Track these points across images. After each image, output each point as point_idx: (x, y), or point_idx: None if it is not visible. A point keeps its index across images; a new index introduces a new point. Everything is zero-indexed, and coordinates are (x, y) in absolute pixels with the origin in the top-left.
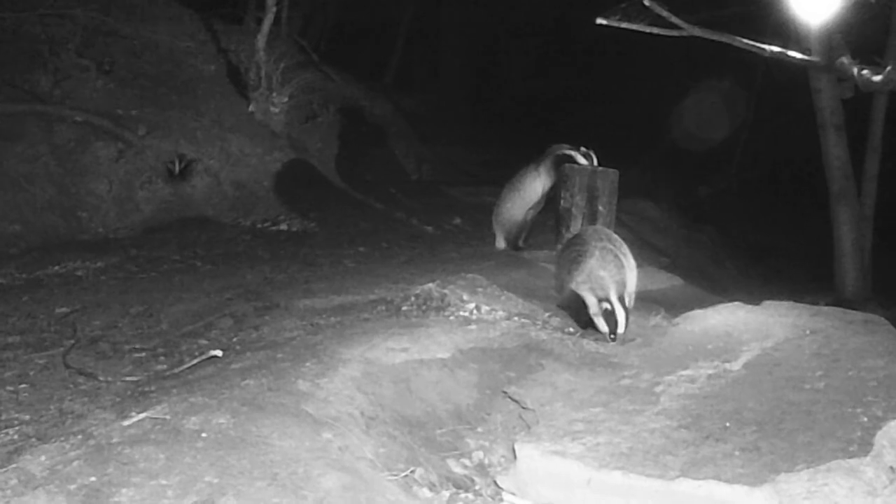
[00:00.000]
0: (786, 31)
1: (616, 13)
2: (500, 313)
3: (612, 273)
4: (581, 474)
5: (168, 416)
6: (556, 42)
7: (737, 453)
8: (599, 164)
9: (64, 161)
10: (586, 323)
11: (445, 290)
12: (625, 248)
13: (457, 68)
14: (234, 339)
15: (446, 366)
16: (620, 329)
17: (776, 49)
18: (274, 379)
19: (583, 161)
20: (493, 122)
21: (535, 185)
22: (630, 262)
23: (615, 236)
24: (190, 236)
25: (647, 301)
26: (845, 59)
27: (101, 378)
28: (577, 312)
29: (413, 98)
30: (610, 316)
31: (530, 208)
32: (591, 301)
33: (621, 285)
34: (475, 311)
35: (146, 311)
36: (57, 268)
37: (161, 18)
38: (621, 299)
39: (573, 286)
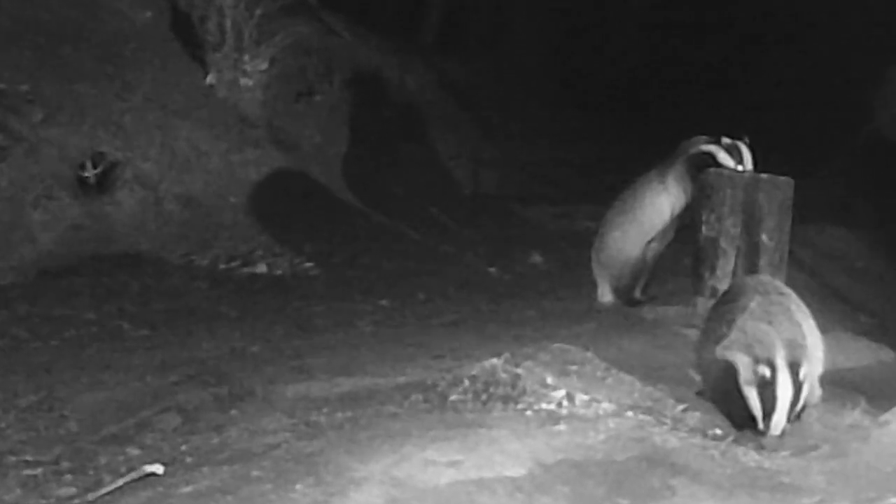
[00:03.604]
0: None
1: None
2: (606, 406)
3: (782, 328)
4: None
5: None
6: None
7: None
8: (759, 168)
9: None
10: (742, 421)
11: (518, 370)
12: (805, 312)
13: (535, 20)
14: (184, 448)
15: (520, 489)
16: (780, 410)
17: None
18: None
19: (732, 162)
20: (592, 104)
21: (659, 204)
22: (814, 331)
23: (791, 294)
24: (113, 283)
25: (838, 386)
26: None
27: None
28: (728, 402)
29: (467, 65)
30: (768, 389)
31: (652, 240)
32: (744, 362)
33: (796, 348)
34: (565, 403)
35: (43, 401)
36: None
37: None
38: (793, 367)
39: (718, 352)
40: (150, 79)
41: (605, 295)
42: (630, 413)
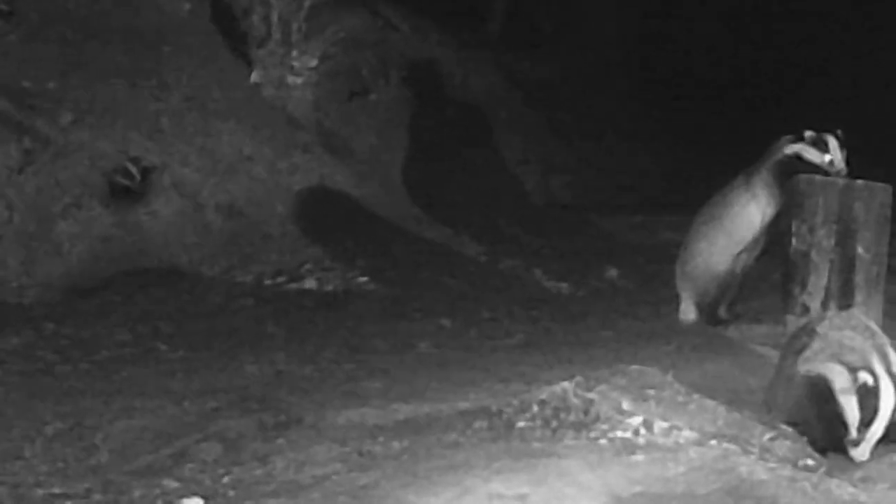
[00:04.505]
0: None
1: None
2: (687, 433)
3: (867, 335)
4: None
5: None
6: None
7: None
8: (854, 170)
9: None
10: (829, 438)
11: (591, 395)
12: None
13: (611, 11)
14: (225, 480)
15: None
16: (881, 419)
17: None
18: None
19: (824, 159)
20: (675, 103)
21: (748, 213)
22: None
23: (877, 332)
24: (148, 301)
25: None
26: None
27: None
28: (815, 419)
29: (537, 61)
30: (869, 397)
31: (741, 252)
32: (836, 371)
33: (882, 354)
34: (643, 430)
35: (73, 429)
36: None
37: None
38: (892, 374)
39: (801, 365)
40: (188, 77)
41: (689, 312)
42: (713, 441)
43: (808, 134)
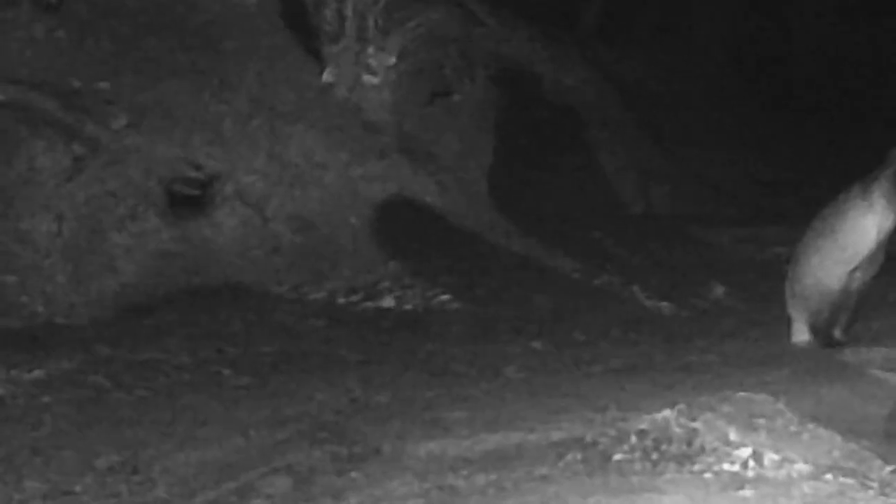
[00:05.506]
0: None
1: None
2: (800, 466)
3: None
4: None
5: None
6: None
7: None
8: None
9: None
10: None
11: (695, 424)
12: None
13: (716, 4)
14: None
15: None
16: None
17: None
18: None
19: None
20: (785, 105)
21: (863, 227)
22: None
23: None
24: (210, 321)
25: None
26: None
27: None
28: None
29: (635, 60)
30: None
31: (857, 269)
32: None
33: None
34: (752, 463)
35: (127, 462)
36: None
37: None
38: None
39: None
40: (254, 76)
41: (801, 334)
42: (829, 475)
43: None
